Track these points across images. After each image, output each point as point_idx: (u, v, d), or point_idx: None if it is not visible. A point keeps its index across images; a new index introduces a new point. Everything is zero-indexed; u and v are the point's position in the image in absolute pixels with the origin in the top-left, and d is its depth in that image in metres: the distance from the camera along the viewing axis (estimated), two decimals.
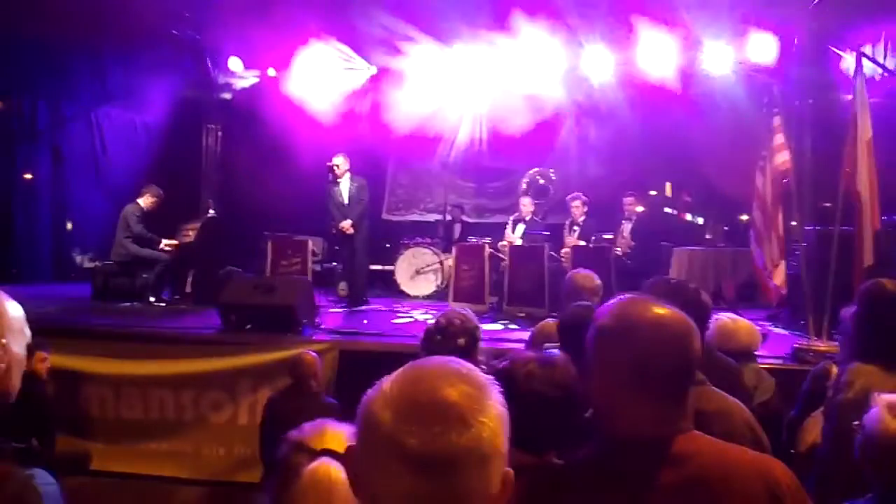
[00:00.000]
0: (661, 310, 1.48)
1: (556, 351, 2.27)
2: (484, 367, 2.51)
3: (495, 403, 0.97)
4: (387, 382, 0.98)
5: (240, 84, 10.40)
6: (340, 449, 1.37)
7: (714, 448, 1.46)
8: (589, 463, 1.49)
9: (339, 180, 8.49)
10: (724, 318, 3.93)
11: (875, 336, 2.72)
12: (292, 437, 1.45)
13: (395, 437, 0.91)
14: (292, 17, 8.83)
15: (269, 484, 1.49)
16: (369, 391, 0.99)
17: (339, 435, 1.42)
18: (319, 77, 9.89)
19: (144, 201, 8.56)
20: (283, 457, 1.47)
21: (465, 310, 3.27)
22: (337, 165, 8.43)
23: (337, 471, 1.33)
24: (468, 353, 2.99)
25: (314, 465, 1.36)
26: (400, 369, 1.00)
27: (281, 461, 1.47)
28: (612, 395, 1.46)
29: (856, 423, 2.24)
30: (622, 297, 1.56)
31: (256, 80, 10.30)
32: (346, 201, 8.50)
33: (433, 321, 3.12)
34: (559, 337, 3.50)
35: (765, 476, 1.40)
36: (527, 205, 9.17)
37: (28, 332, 1.60)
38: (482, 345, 3.14)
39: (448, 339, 2.98)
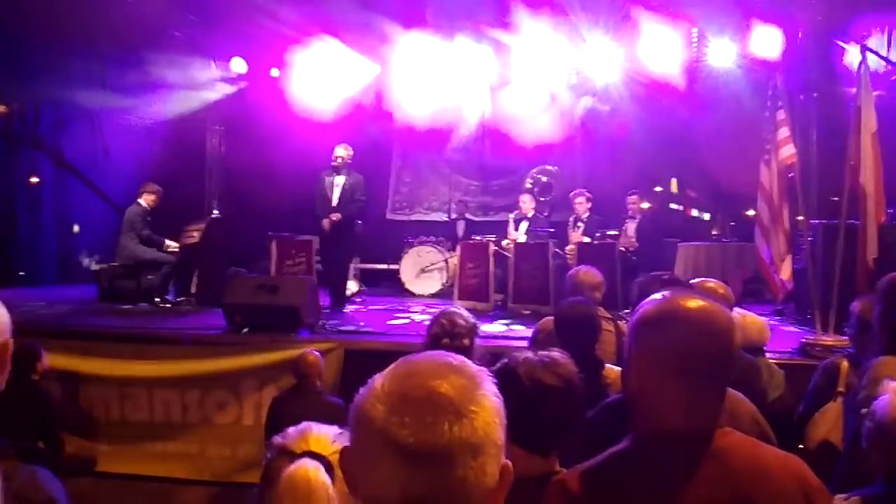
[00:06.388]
0: (703, 301, 1.48)
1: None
2: (477, 362, 2.50)
3: (489, 394, 0.96)
4: (378, 379, 0.97)
5: (242, 84, 10.39)
6: (323, 451, 1.34)
7: (748, 444, 1.46)
8: (626, 456, 1.47)
9: (339, 172, 8.20)
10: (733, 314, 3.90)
11: None
12: (276, 441, 1.43)
13: (388, 430, 0.91)
14: (294, 16, 8.82)
15: (256, 491, 1.46)
16: (361, 389, 0.98)
17: (322, 437, 1.38)
18: (322, 76, 9.88)
19: (146, 200, 8.51)
20: (267, 462, 1.45)
21: (461, 308, 3.31)
22: (340, 157, 8.17)
23: (316, 472, 1.30)
24: (469, 351, 3.00)
25: (293, 467, 1.33)
26: (391, 365, 0.99)
27: (265, 467, 1.44)
28: (650, 384, 1.45)
29: (864, 410, 2.22)
30: (665, 292, 1.54)
31: (259, 80, 10.29)
32: (334, 198, 8.17)
33: (437, 324, 3.12)
34: (556, 331, 3.51)
35: (796, 474, 1.41)
36: (527, 202, 9.13)
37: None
38: (478, 342, 3.18)
39: (454, 340, 3.01)
